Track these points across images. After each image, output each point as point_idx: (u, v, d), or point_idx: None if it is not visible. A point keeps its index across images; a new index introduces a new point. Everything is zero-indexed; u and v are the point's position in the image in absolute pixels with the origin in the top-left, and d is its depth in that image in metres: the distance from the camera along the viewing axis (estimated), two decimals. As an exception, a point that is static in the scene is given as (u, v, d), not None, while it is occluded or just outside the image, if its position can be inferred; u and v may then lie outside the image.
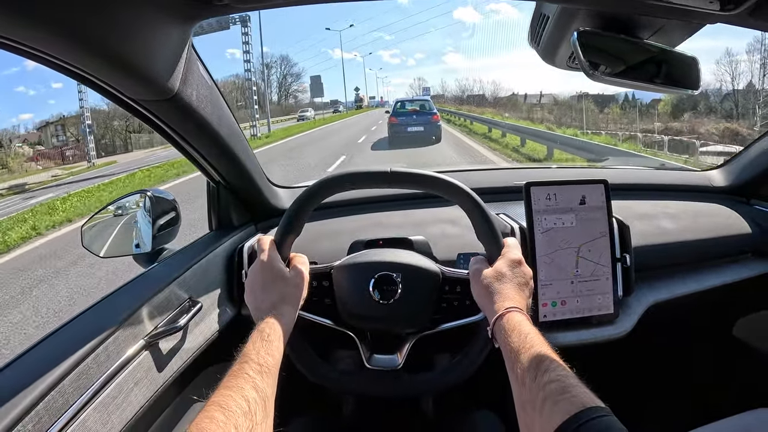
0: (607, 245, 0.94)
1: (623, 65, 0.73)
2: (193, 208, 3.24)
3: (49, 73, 30.56)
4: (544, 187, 0.93)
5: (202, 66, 0.80)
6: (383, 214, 1.21)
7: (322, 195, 0.81)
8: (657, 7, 0.59)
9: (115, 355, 0.69)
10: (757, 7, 0.57)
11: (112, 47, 0.59)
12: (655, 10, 0.61)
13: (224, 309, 0.97)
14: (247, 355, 0.62)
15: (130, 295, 0.80)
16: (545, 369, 0.57)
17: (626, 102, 24.87)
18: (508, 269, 0.75)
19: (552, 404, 0.52)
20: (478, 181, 1.28)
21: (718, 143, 12.63)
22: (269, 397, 0.59)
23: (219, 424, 0.50)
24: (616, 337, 0.98)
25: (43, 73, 50.07)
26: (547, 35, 0.71)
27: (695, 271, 1.13)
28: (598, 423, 0.47)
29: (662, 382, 1.48)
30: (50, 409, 0.57)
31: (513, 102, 36.26)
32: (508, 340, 0.64)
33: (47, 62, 0.59)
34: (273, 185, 1.22)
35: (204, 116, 0.81)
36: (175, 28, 0.66)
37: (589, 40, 0.65)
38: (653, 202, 1.26)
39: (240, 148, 0.98)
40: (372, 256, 0.91)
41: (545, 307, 0.93)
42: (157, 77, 0.67)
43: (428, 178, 0.80)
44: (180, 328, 0.80)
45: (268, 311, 0.71)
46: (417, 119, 14.19)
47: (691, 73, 0.73)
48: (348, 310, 0.88)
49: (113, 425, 0.65)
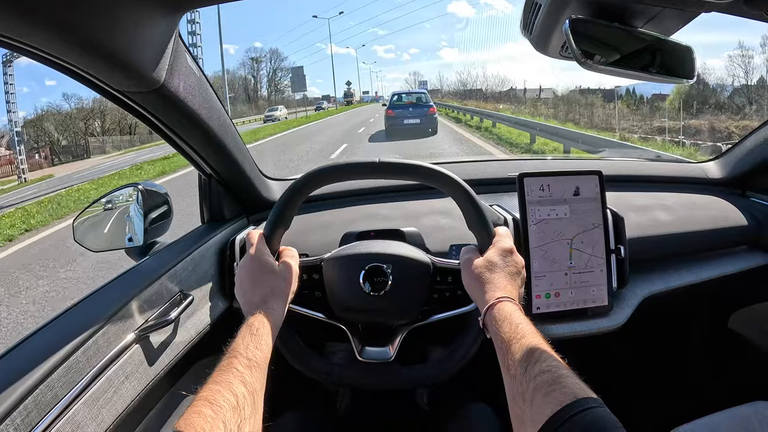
0: (601, 237, 0.94)
1: (617, 54, 0.72)
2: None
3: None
4: (537, 178, 0.92)
5: (190, 57, 0.79)
6: (376, 206, 1.21)
7: (310, 187, 0.81)
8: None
9: (104, 349, 0.68)
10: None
11: (96, 38, 0.58)
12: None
13: (216, 302, 0.97)
14: (236, 349, 0.62)
15: (120, 288, 0.79)
16: (536, 359, 0.56)
17: (630, 97, 24.42)
18: (500, 258, 0.75)
19: (543, 395, 0.51)
20: (471, 172, 1.28)
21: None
22: (258, 392, 0.58)
23: (207, 419, 0.50)
24: (611, 330, 0.97)
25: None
26: (539, 23, 0.70)
27: (690, 263, 1.12)
28: (589, 414, 0.47)
29: (657, 375, 1.48)
30: (39, 403, 0.57)
31: (517, 97, 35.81)
32: (499, 330, 0.63)
33: (31, 54, 0.58)
34: (265, 177, 1.21)
35: (192, 107, 0.80)
36: (161, 18, 0.65)
37: (581, 28, 0.64)
38: (648, 193, 1.26)
39: (231, 140, 0.97)
40: (362, 247, 0.90)
41: (538, 298, 0.92)
42: (142, 68, 0.66)
43: (417, 167, 0.79)
44: (171, 321, 0.80)
45: (258, 305, 0.71)
46: (413, 111, 14.52)
47: (686, 62, 0.72)
48: (339, 303, 0.88)
49: (103, 419, 0.65)
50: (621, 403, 0.60)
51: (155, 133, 0.86)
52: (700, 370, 1.47)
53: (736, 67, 22.24)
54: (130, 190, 1.08)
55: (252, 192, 1.15)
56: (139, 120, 0.82)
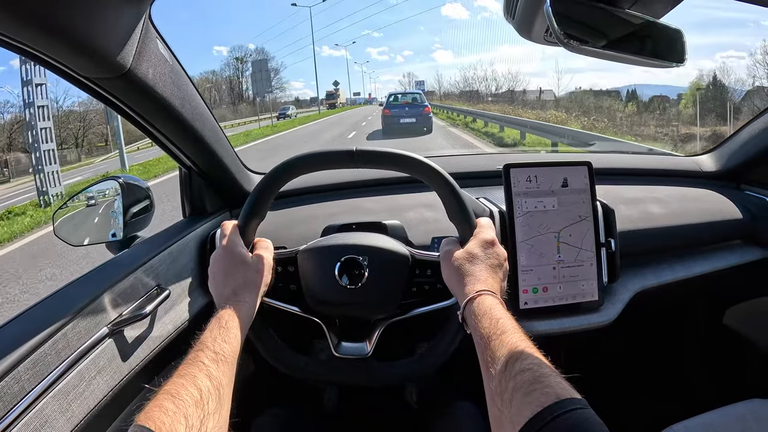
0: (590, 229, 0.92)
1: (604, 38, 0.70)
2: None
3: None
4: (524, 169, 0.90)
5: (163, 44, 0.77)
6: (361, 199, 1.18)
7: (285, 178, 0.78)
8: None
9: (75, 342, 0.66)
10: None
11: (59, 21, 0.56)
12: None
13: (195, 297, 0.94)
14: (203, 342, 0.60)
15: (92, 282, 0.77)
16: (517, 357, 0.53)
17: (635, 100, 23.74)
18: (480, 250, 0.72)
19: (522, 395, 0.48)
20: (459, 165, 1.26)
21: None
22: (225, 386, 0.56)
23: (168, 413, 0.48)
24: (601, 325, 0.95)
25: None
26: (521, 7, 0.68)
27: (683, 258, 1.10)
28: (572, 416, 0.44)
29: (649, 371, 1.46)
30: (4, 395, 0.55)
31: (519, 99, 35.02)
32: (479, 325, 0.61)
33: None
34: (249, 171, 1.19)
35: (163, 95, 0.78)
36: (128, 3, 0.63)
37: (563, 9, 0.61)
38: (640, 186, 1.23)
39: (209, 132, 0.95)
40: (337, 239, 0.88)
41: (526, 293, 0.90)
42: (108, 53, 0.64)
43: (395, 156, 0.77)
44: (146, 315, 0.77)
45: (229, 298, 0.69)
46: (409, 111, 15.52)
47: (676, 45, 0.70)
48: (314, 296, 0.85)
49: (74, 414, 0.63)
50: (612, 401, 0.57)
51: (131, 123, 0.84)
52: (694, 367, 1.45)
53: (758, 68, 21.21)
54: (111, 182, 1.07)
55: (234, 185, 1.12)
56: (112, 109, 0.79)
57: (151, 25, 0.72)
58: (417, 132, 14.84)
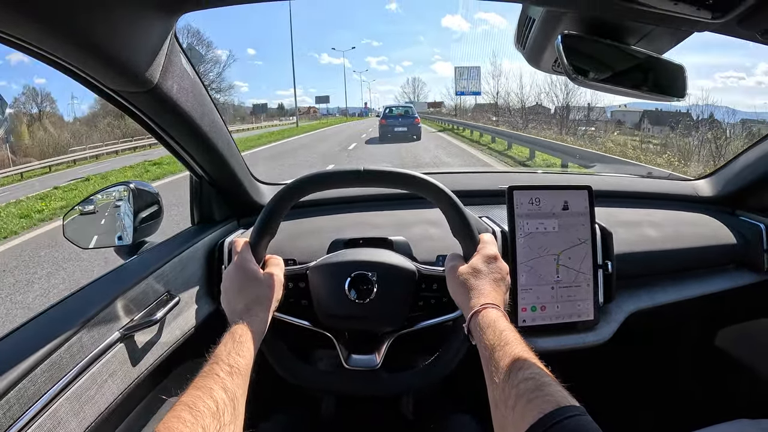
0: (589, 252, 0.94)
1: (609, 71, 0.73)
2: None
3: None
4: (527, 191, 0.93)
5: (185, 59, 0.79)
6: (368, 213, 1.21)
7: (295, 196, 0.81)
8: (645, 14, 0.59)
9: (89, 346, 0.68)
10: (745, 17, 0.57)
11: (92, 37, 0.58)
12: (643, 17, 0.61)
13: (203, 304, 0.96)
14: (218, 356, 0.62)
15: (105, 287, 0.79)
16: (520, 366, 0.56)
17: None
18: (484, 265, 0.75)
19: (525, 402, 0.51)
20: (461, 183, 1.28)
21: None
22: (239, 399, 0.58)
23: (187, 424, 0.49)
24: (596, 344, 0.97)
25: None
26: (533, 38, 0.71)
27: (677, 280, 1.13)
28: (571, 422, 0.47)
29: (641, 391, 1.48)
30: (21, 397, 0.56)
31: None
32: (484, 336, 0.64)
33: (26, 50, 0.58)
34: (257, 181, 1.21)
35: (185, 109, 0.80)
36: (158, 19, 0.65)
37: (574, 44, 0.64)
38: (638, 209, 1.26)
39: (223, 143, 0.97)
40: (347, 255, 0.90)
41: (525, 311, 0.92)
42: (137, 68, 0.66)
43: (400, 175, 0.80)
44: (156, 321, 0.79)
45: (242, 313, 0.71)
46: (402, 121, 18.96)
47: (678, 81, 0.73)
48: (325, 311, 0.88)
49: (85, 416, 0.65)
50: (605, 416, 0.59)
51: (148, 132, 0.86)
52: (685, 387, 1.47)
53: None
54: (121, 188, 1.08)
55: (243, 195, 1.14)
56: (133, 120, 0.81)
57: (176, 40, 0.74)
58: (408, 138, 17.99)
